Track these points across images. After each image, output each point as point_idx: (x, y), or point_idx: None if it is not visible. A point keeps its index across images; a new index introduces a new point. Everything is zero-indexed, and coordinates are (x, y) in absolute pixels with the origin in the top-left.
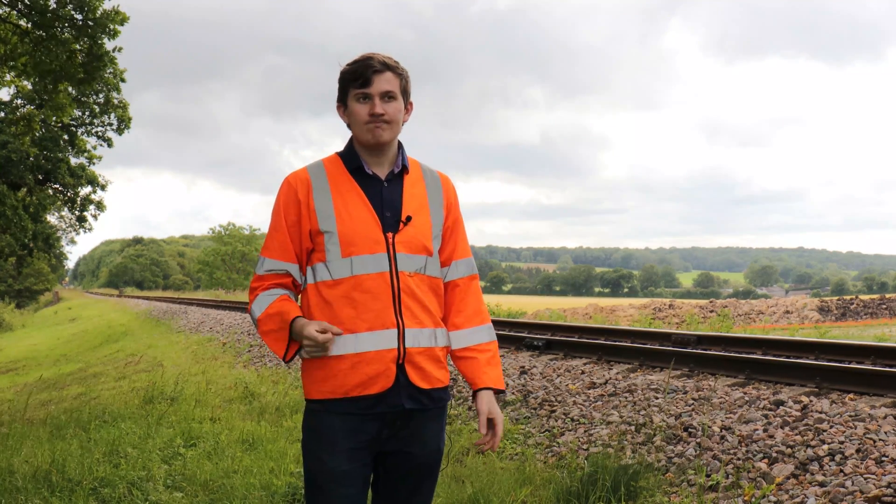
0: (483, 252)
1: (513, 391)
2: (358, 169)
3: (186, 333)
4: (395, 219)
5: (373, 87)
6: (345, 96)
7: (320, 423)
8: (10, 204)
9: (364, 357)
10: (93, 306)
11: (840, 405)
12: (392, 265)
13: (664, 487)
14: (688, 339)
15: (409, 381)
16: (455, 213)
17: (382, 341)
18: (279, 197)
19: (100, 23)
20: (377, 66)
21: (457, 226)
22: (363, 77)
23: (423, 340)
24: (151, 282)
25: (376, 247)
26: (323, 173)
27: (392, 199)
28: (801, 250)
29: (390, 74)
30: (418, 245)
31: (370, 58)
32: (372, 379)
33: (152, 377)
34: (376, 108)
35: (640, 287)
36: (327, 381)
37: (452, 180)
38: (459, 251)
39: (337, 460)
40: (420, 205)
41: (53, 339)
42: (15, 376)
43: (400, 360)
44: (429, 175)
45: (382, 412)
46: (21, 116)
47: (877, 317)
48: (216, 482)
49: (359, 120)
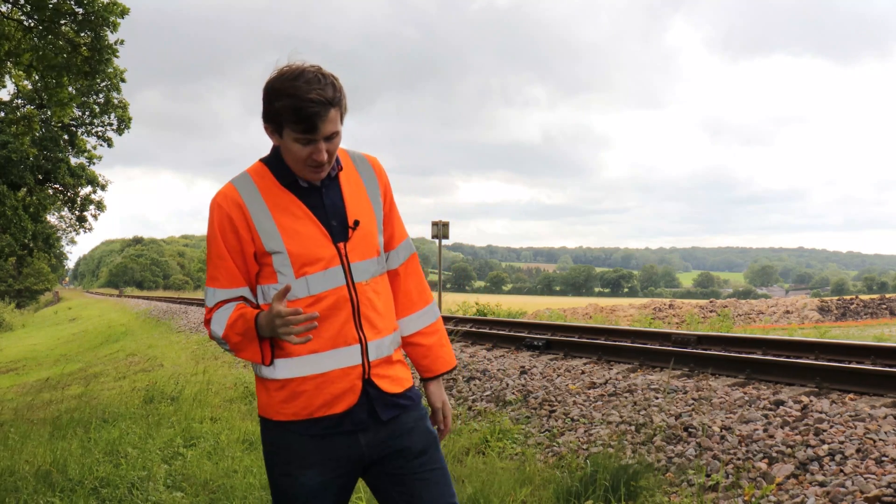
0: (483, 252)
1: (513, 391)
2: (293, 183)
3: (186, 333)
4: (343, 225)
5: (318, 134)
6: (279, 127)
7: (286, 439)
8: (10, 204)
9: (328, 377)
10: (93, 306)
11: (840, 405)
12: (348, 277)
13: (664, 487)
14: (688, 339)
15: (380, 391)
16: (390, 198)
17: (346, 358)
18: (212, 222)
19: (100, 15)
20: (322, 112)
21: (394, 211)
22: (307, 123)
23: (385, 349)
24: (151, 282)
25: (331, 261)
26: (254, 189)
27: (334, 204)
28: (801, 250)
29: (333, 112)
30: (369, 249)
31: (311, 100)
32: (337, 398)
33: (152, 377)
34: (321, 156)
35: (640, 287)
36: (290, 402)
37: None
38: (398, 236)
39: (308, 475)
40: (362, 202)
41: (53, 339)
42: (15, 376)
43: (365, 374)
44: (360, 163)
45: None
46: (21, 116)
47: (877, 317)
48: (216, 482)
49: (297, 160)
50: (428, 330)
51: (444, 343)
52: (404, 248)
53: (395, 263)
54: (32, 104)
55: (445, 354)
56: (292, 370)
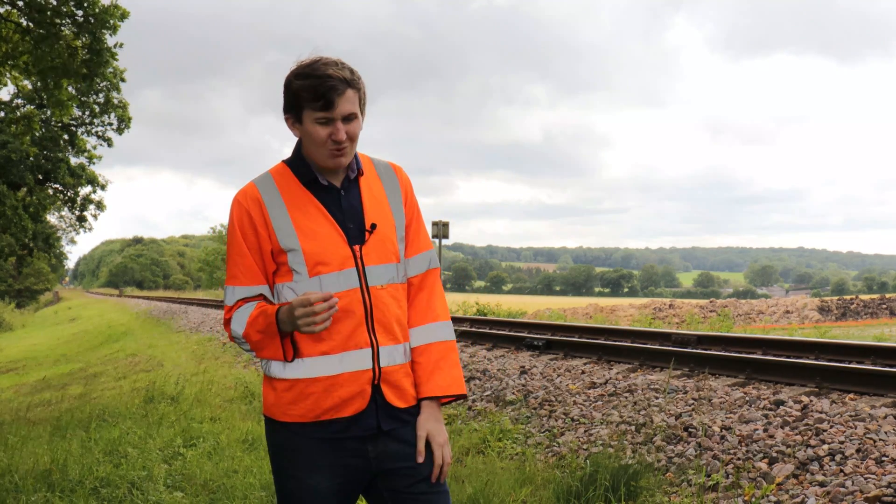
0: (483, 252)
1: (513, 391)
2: (312, 181)
3: (187, 333)
4: (360, 229)
5: (336, 111)
6: (297, 112)
7: (293, 442)
8: (10, 204)
9: (338, 379)
10: (93, 306)
11: (840, 405)
12: (362, 280)
13: (664, 487)
14: (688, 339)
15: (385, 401)
16: (413, 205)
17: (357, 362)
18: (232, 220)
19: (100, 19)
20: (339, 87)
21: (416, 219)
22: (324, 99)
23: (398, 357)
24: (151, 282)
25: (345, 262)
26: (273, 187)
27: (352, 207)
28: (801, 250)
29: (351, 92)
30: (387, 253)
31: (329, 76)
32: (346, 402)
33: (153, 377)
34: (340, 135)
35: (640, 287)
36: (297, 403)
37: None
38: (419, 245)
39: (316, 478)
40: (382, 208)
41: (53, 339)
42: (15, 376)
43: (375, 380)
44: (383, 171)
45: (358, 435)
46: (21, 116)
47: (877, 317)
48: (216, 482)
49: (317, 143)
50: (429, 348)
51: (448, 366)
52: (423, 259)
53: (413, 273)
54: (32, 104)
55: (449, 379)
56: (303, 371)
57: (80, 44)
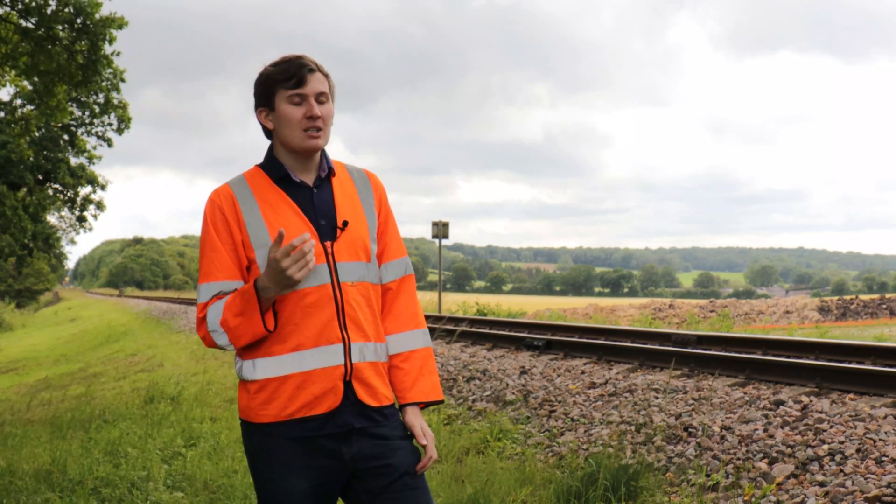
0: (483, 252)
1: (513, 391)
2: (284, 178)
3: (186, 333)
4: (331, 225)
5: (307, 88)
6: (270, 99)
7: (267, 443)
8: (10, 204)
9: (310, 376)
10: (93, 306)
11: (840, 405)
12: (333, 276)
13: (664, 487)
14: (688, 339)
15: (357, 398)
16: (386, 210)
17: (329, 358)
18: (206, 218)
19: (98, 28)
20: (310, 65)
21: (389, 224)
22: (297, 77)
23: (369, 355)
24: (151, 282)
25: (316, 258)
26: (246, 186)
27: (324, 204)
28: (801, 250)
29: (321, 75)
30: (358, 251)
31: (300, 57)
32: (318, 399)
33: (153, 377)
34: (314, 110)
35: (640, 287)
36: (270, 403)
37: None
38: (393, 251)
39: (293, 479)
40: (354, 207)
41: (53, 339)
42: (15, 376)
43: (347, 376)
44: (356, 174)
45: (332, 433)
46: (20, 118)
47: (877, 317)
48: (216, 482)
49: (292, 123)
50: (413, 355)
51: (429, 373)
52: (399, 266)
53: (388, 279)
54: (32, 104)
55: (428, 385)
56: (273, 370)
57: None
